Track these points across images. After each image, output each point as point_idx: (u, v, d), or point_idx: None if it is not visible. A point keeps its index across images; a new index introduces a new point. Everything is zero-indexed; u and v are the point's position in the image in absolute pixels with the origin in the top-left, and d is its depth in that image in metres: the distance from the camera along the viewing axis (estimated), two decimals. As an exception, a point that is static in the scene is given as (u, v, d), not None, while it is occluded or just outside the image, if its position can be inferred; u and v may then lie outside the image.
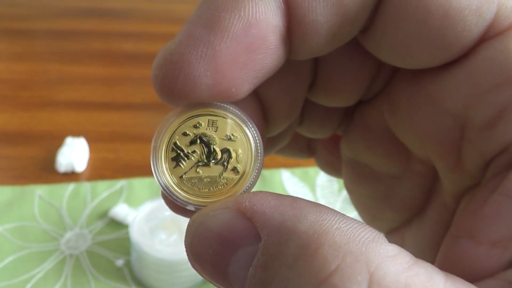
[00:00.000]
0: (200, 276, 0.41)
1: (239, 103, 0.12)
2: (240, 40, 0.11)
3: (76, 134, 0.53)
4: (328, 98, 0.15)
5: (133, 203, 0.46)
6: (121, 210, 0.44)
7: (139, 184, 0.48)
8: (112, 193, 0.47)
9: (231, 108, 0.12)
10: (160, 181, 0.12)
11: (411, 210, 0.16)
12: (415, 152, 0.15)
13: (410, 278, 0.09)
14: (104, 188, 0.47)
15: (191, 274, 0.38)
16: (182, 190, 0.12)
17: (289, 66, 0.13)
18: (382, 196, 0.16)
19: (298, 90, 0.14)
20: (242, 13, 0.11)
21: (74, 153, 0.49)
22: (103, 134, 0.55)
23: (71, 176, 0.49)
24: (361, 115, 0.16)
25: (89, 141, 0.52)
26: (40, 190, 0.46)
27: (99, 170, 0.50)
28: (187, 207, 0.12)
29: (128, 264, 0.40)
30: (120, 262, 0.40)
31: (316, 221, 0.10)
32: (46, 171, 0.49)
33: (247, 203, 0.11)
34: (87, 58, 0.70)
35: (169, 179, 0.12)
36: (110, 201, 0.46)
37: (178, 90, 0.11)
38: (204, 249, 0.11)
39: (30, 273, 0.39)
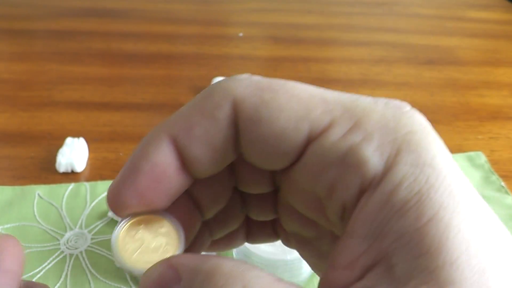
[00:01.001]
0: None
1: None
2: (150, 175, 0.18)
3: (76, 134, 0.53)
4: (251, 189, 0.22)
5: (133, 203, 0.46)
6: (121, 210, 0.44)
7: (139, 184, 0.48)
8: (112, 193, 0.47)
9: (159, 211, 0.19)
10: (122, 265, 0.18)
11: None
12: (311, 218, 0.20)
13: (274, 286, 0.15)
14: (104, 188, 0.47)
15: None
16: (135, 265, 0.18)
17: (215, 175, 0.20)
18: (318, 255, 0.22)
19: (222, 192, 0.21)
20: (149, 159, 0.18)
21: (74, 153, 0.49)
22: (103, 134, 0.55)
23: (71, 176, 0.49)
24: (276, 201, 0.22)
25: (89, 141, 0.52)
26: (39, 190, 0.46)
27: (99, 170, 0.50)
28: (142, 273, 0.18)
29: (128, 264, 0.40)
30: (120, 262, 0.40)
31: (214, 263, 0.16)
32: (46, 171, 0.49)
33: (174, 259, 0.17)
34: (87, 58, 0.70)
35: (127, 261, 0.18)
36: (110, 201, 0.46)
37: (120, 208, 0.18)
38: None
39: (30, 273, 0.39)
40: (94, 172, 0.49)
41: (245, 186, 0.21)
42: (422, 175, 0.15)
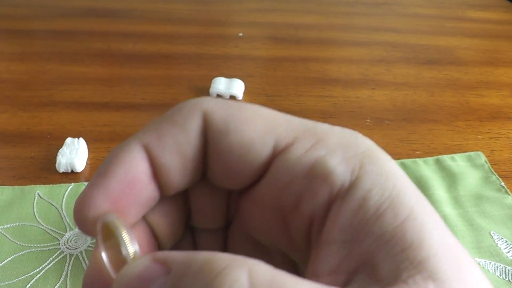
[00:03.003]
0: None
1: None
2: (122, 180, 0.17)
3: (76, 134, 0.53)
4: (203, 223, 0.22)
5: (133, 203, 0.46)
6: (121, 210, 0.44)
7: (139, 184, 0.48)
8: (112, 193, 0.47)
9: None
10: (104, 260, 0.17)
11: None
12: (270, 247, 0.20)
13: (275, 272, 0.14)
14: (104, 188, 0.47)
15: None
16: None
17: (169, 203, 0.20)
18: None
19: (176, 222, 0.21)
20: (122, 164, 0.18)
21: (74, 153, 0.49)
22: (103, 134, 0.55)
23: (70, 176, 0.49)
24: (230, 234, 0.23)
25: (89, 141, 0.52)
26: (39, 190, 0.46)
27: (99, 170, 0.50)
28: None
29: (127, 264, 0.40)
30: (119, 262, 0.40)
31: (209, 253, 0.15)
32: (46, 171, 0.49)
33: (159, 253, 0.16)
34: (87, 58, 0.70)
35: (106, 260, 0.17)
36: (110, 201, 0.46)
37: (89, 214, 0.17)
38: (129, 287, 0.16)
39: (30, 273, 0.39)
40: (94, 172, 0.49)
41: (197, 220, 0.21)
42: (389, 182, 0.16)
